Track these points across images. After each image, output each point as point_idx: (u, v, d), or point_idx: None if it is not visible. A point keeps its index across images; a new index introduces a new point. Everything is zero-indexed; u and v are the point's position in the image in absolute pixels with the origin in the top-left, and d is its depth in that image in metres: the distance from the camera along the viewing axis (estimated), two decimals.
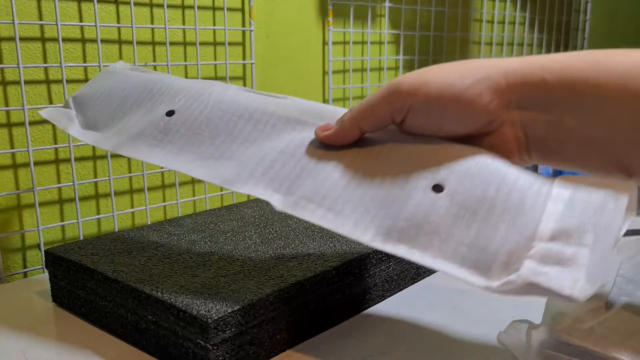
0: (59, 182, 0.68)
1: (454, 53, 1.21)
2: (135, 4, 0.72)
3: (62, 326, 0.51)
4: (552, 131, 0.39)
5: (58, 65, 0.65)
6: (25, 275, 0.67)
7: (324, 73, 0.96)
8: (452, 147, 0.39)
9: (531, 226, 0.34)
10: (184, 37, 0.77)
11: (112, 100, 0.50)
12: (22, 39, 0.64)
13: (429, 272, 0.60)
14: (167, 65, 0.75)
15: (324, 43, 0.95)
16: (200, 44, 0.79)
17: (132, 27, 0.70)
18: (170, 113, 0.46)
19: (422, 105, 0.39)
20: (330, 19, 0.93)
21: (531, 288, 0.31)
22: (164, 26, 0.73)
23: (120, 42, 0.71)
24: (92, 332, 0.49)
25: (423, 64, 1.14)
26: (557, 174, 0.75)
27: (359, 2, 0.98)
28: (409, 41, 1.10)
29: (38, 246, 0.67)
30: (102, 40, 0.70)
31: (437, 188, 0.37)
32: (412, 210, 0.36)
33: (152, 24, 0.74)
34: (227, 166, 0.42)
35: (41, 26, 0.65)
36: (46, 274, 0.63)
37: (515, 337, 0.39)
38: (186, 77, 0.78)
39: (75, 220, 0.69)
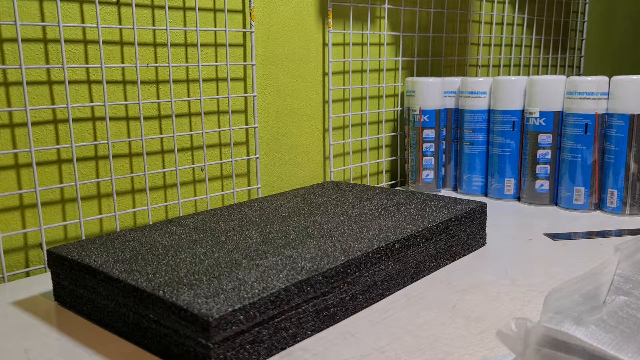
0: (61, 182, 0.69)
1: (452, 54, 1.22)
2: (136, 5, 0.72)
3: (64, 325, 0.51)
4: None
5: (60, 66, 0.65)
6: (27, 274, 0.67)
7: (324, 74, 0.97)
8: None
9: None
10: (185, 38, 0.78)
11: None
12: (24, 40, 0.64)
13: (428, 271, 0.61)
14: (168, 66, 0.75)
15: (324, 44, 0.96)
16: (202, 45, 0.79)
17: (133, 28, 0.70)
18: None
19: None
20: (330, 20, 0.93)
21: None
22: (165, 27, 0.74)
23: (121, 43, 0.72)
24: (94, 331, 0.50)
25: (422, 65, 1.15)
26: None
27: (359, 3, 0.99)
28: (408, 42, 1.11)
29: (40, 246, 0.68)
30: (103, 42, 0.70)
31: None
32: None
33: (153, 25, 0.74)
34: None
35: (43, 27, 0.66)
36: (48, 274, 0.64)
37: (514, 336, 0.39)
38: (187, 77, 0.78)
39: (77, 220, 0.69)
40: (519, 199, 0.95)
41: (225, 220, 0.63)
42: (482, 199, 0.96)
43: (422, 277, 0.60)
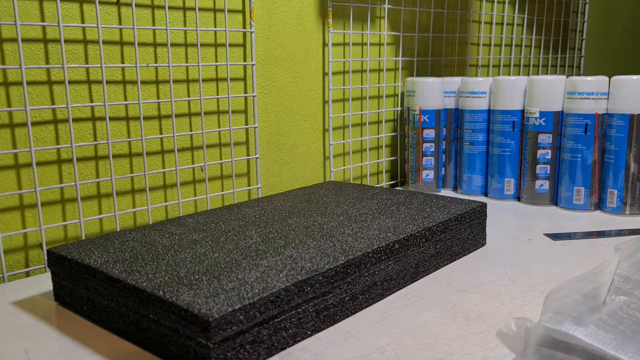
0: (61, 182, 0.69)
1: (452, 54, 1.22)
2: (136, 5, 0.72)
3: (64, 325, 0.51)
4: None
5: (60, 66, 0.65)
6: (27, 274, 0.67)
7: (324, 74, 0.97)
8: None
9: None
10: (185, 38, 0.78)
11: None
12: (24, 40, 0.64)
13: (427, 271, 0.61)
14: (168, 66, 0.75)
15: (324, 44, 0.96)
16: (202, 45, 0.79)
17: (133, 28, 0.70)
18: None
19: None
20: (330, 20, 0.93)
21: None
22: (165, 27, 0.74)
23: (121, 43, 0.72)
24: (94, 331, 0.50)
25: (422, 65, 1.15)
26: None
27: (359, 3, 0.99)
28: (408, 42, 1.11)
29: (40, 245, 0.68)
30: (103, 42, 0.70)
31: None
32: None
33: (153, 25, 0.74)
34: None
35: (43, 27, 0.66)
36: (48, 273, 0.64)
37: (514, 336, 0.39)
38: (187, 77, 0.78)
39: (77, 220, 0.69)
40: (519, 199, 0.95)
41: (225, 220, 0.63)
42: (482, 199, 0.96)
43: (422, 277, 0.60)
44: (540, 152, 0.90)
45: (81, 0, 0.68)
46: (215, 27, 0.81)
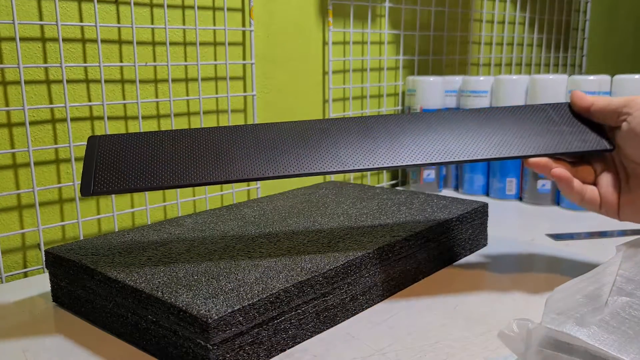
0: (59, 182, 0.68)
1: (453, 53, 1.21)
2: (135, 4, 0.72)
3: (62, 326, 0.51)
4: None
5: (58, 65, 0.65)
6: (25, 275, 0.67)
7: (324, 73, 0.96)
8: None
9: None
10: (184, 37, 0.77)
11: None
12: (22, 39, 0.64)
13: (428, 271, 0.60)
14: (167, 65, 0.75)
15: (324, 43, 0.95)
16: (201, 44, 0.79)
17: (132, 27, 0.70)
18: None
19: None
20: (330, 19, 0.93)
21: None
22: (164, 26, 0.73)
23: (120, 42, 0.72)
24: (92, 332, 0.49)
25: (423, 64, 1.14)
26: None
27: (359, 2, 0.99)
28: (408, 41, 1.10)
29: (38, 246, 0.67)
30: (102, 41, 0.70)
31: None
32: None
33: (152, 24, 0.74)
34: None
35: (41, 26, 0.65)
36: (46, 274, 0.63)
37: (516, 337, 0.38)
38: (186, 76, 0.78)
39: (76, 220, 0.69)
40: (520, 199, 0.94)
41: (225, 221, 0.63)
42: (484, 199, 0.96)
43: (423, 278, 0.60)
44: None
45: None
46: (214, 25, 0.81)
